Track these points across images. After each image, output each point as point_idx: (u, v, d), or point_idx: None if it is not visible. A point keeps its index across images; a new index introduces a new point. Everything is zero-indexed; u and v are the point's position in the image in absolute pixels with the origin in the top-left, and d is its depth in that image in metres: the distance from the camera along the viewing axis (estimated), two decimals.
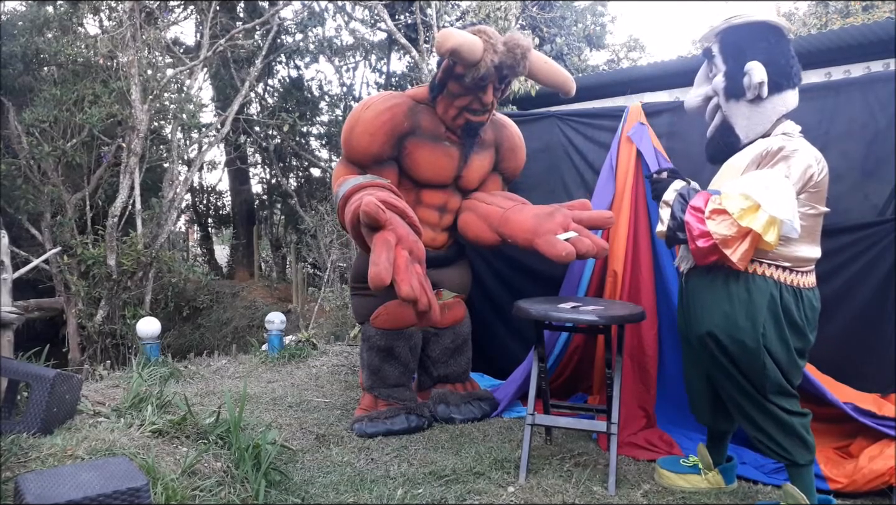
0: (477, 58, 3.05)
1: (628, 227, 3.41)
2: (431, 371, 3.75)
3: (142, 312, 7.13)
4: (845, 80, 3.45)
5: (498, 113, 3.75)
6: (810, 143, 2.37)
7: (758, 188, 2.16)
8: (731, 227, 2.18)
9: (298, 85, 10.32)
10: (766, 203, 2.12)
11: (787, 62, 2.38)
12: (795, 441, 2.29)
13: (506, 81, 3.33)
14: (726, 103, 2.43)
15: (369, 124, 3.33)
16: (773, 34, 2.39)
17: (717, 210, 2.22)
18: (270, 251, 12.91)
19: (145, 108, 7.15)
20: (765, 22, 2.39)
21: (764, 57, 2.34)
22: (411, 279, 2.67)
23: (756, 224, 2.13)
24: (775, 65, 2.34)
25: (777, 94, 2.36)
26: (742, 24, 2.40)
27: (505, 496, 2.59)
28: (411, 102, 3.44)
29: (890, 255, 2.90)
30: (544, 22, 9.58)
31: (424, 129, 3.40)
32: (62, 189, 7.48)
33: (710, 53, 2.52)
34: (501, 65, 3.13)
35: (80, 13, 7.82)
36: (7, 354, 2.80)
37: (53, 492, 1.68)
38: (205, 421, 2.74)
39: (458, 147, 3.47)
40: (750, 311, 2.26)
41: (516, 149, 3.74)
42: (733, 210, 2.17)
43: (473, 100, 3.27)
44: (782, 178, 2.19)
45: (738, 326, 2.26)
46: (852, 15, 10.94)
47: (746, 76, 2.33)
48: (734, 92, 2.39)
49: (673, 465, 2.76)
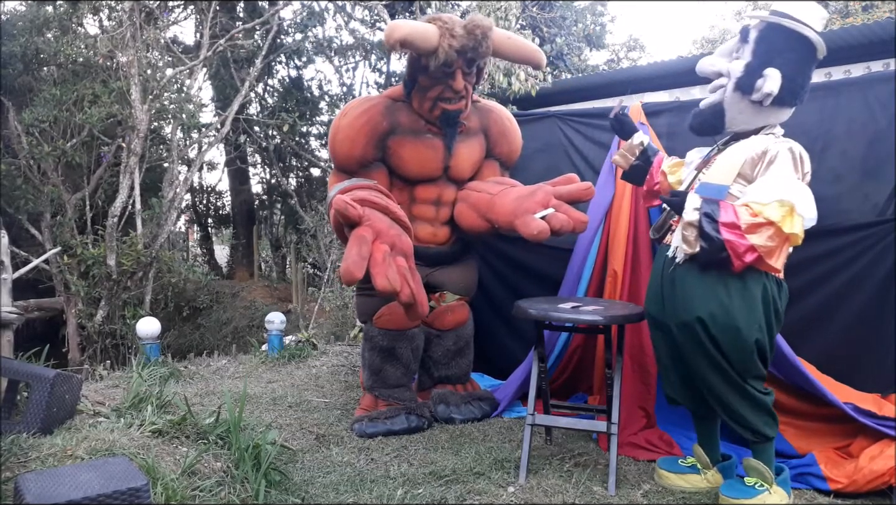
0: (433, 44, 3.03)
1: (628, 227, 3.40)
2: (432, 372, 3.75)
3: (142, 312, 7.12)
4: (845, 80, 3.45)
5: (484, 100, 3.75)
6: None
7: (788, 191, 2.23)
8: (775, 237, 2.23)
9: (298, 85, 10.30)
10: (799, 205, 2.22)
11: (803, 82, 2.41)
12: (767, 418, 2.45)
13: (475, 66, 3.30)
14: (732, 92, 2.44)
15: (348, 130, 3.36)
16: (807, 50, 2.40)
17: (756, 224, 2.23)
18: (270, 251, 12.90)
19: (145, 108, 7.14)
20: (810, 39, 2.37)
21: (788, 69, 2.35)
22: (387, 271, 2.68)
23: (797, 227, 2.23)
24: (792, 81, 2.37)
25: (777, 107, 2.43)
26: (789, 28, 2.36)
27: (505, 496, 2.59)
28: (388, 101, 3.45)
29: (890, 255, 2.90)
30: (544, 22, 9.57)
31: (404, 125, 3.40)
32: (62, 189, 7.47)
33: (746, 36, 2.48)
34: (464, 48, 3.09)
35: (79, 13, 7.81)
36: (7, 354, 2.80)
37: (53, 492, 1.68)
38: (205, 421, 2.73)
39: (440, 139, 3.43)
40: (747, 300, 2.33)
41: (507, 132, 3.67)
42: (777, 218, 2.21)
43: (444, 88, 3.25)
44: (798, 180, 2.29)
45: (734, 314, 2.32)
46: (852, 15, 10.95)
47: (762, 79, 2.35)
48: (743, 86, 2.40)
49: (672, 465, 2.77)
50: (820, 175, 3.11)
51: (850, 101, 3.03)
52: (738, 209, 2.28)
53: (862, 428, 2.74)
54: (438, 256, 3.58)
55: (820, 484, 2.66)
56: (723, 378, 2.41)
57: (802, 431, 2.90)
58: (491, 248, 4.12)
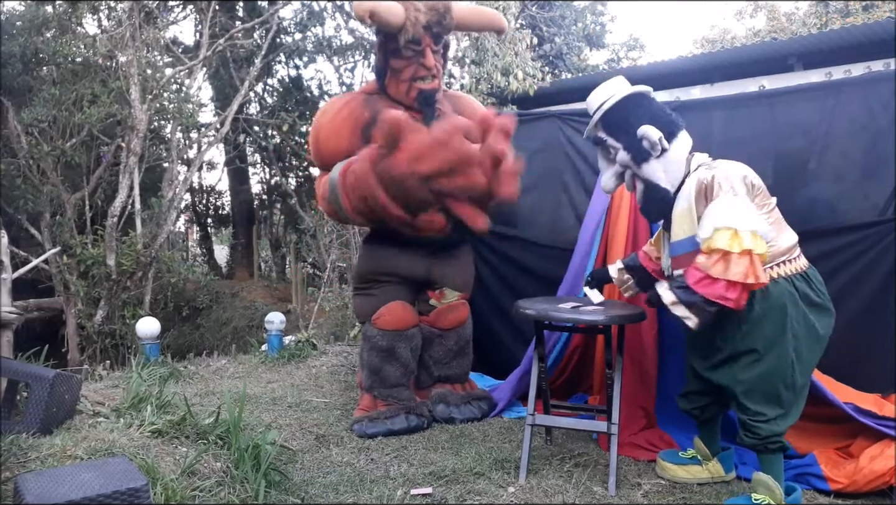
0: (400, 18, 3.22)
1: (628, 227, 3.40)
2: (432, 371, 3.74)
3: (141, 312, 7.11)
4: (845, 80, 3.45)
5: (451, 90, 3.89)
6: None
7: (722, 217, 2.29)
8: (738, 260, 2.23)
9: (298, 84, 10.29)
10: (739, 223, 2.25)
11: (666, 114, 2.59)
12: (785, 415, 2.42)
13: (442, 42, 3.46)
14: (640, 169, 2.55)
15: (331, 125, 3.44)
16: (642, 98, 2.61)
17: (714, 261, 2.27)
18: (270, 251, 12.88)
19: (144, 108, 7.14)
20: (631, 94, 2.60)
21: (648, 118, 2.53)
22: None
23: (746, 243, 2.24)
24: (660, 120, 2.53)
25: (675, 140, 2.53)
26: (614, 104, 2.59)
27: (505, 496, 2.59)
28: (364, 96, 3.56)
29: (890, 255, 2.90)
30: (544, 21, 9.57)
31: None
32: (61, 189, 7.46)
33: (600, 140, 2.67)
34: (429, 24, 3.29)
35: (78, 13, 7.79)
36: (7, 354, 2.80)
37: (53, 492, 1.68)
38: (204, 421, 2.73)
39: (420, 122, 3.41)
40: (773, 317, 2.36)
41: (478, 114, 3.67)
42: (725, 246, 2.25)
43: (417, 67, 3.39)
44: (733, 198, 2.32)
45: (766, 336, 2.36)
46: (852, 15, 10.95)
47: (644, 140, 2.49)
48: (642, 157, 2.53)
49: (673, 457, 2.83)
50: (820, 175, 3.12)
51: (850, 101, 3.02)
52: (696, 262, 2.34)
53: (862, 428, 2.74)
54: (436, 243, 3.57)
55: (820, 484, 2.66)
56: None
57: (803, 431, 2.88)
58: (491, 248, 4.12)
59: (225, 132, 8.63)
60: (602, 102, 2.62)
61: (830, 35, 7.08)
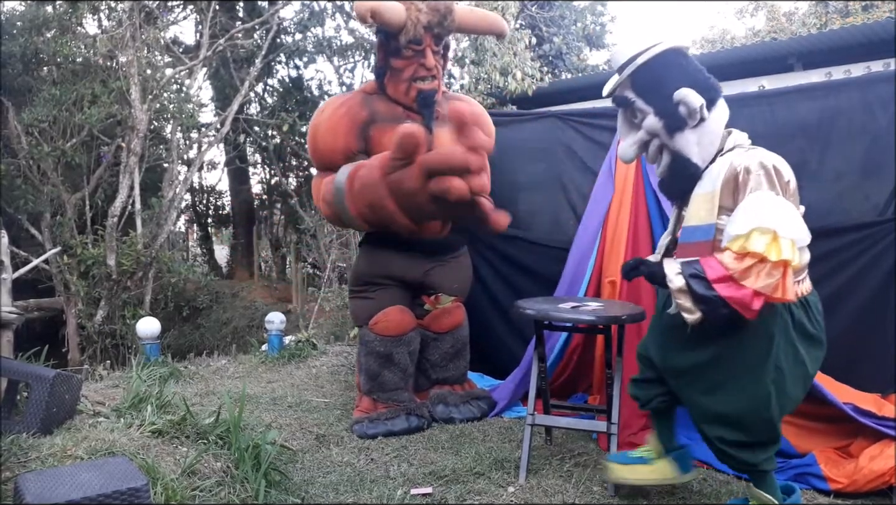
0: (401, 18, 3.23)
1: (628, 227, 3.40)
2: (430, 374, 3.74)
3: (141, 312, 7.11)
4: (845, 80, 3.46)
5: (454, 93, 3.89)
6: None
7: (762, 216, 1.99)
8: (773, 271, 1.96)
9: (298, 85, 10.28)
10: (780, 228, 1.97)
11: (705, 77, 2.29)
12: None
13: (442, 43, 3.46)
14: (672, 139, 2.24)
15: (328, 123, 3.44)
16: (680, 56, 2.29)
17: (747, 268, 1.98)
18: (270, 251, 12.88)
19: (145, 108, 7.14)
20: (668, 49, 2.27)
21: (686, 80, 2.22)
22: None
23: (785, 253, 1.95)
24: (699, 83, 2.23)
25: (714, 108, 2.24)
26: (649, 59, 2.26)
27: (505, 496, 2.59)
28: (363, 95, 3.56)
29: (890, 255, 2.90)
30: (543, 21, 9.57)
31: (383, 113, 3.46)
32: (62, 189, 7.46)
33: (627, 102, 2.34)
34: (430, 24, 3.29)
35: (79, 13, 7.79)
36: (7, 354, 2.80)
37: (53, 492, 1.68)
38: (204, 421, 2.73)
39: (420, 123, 3.39)
40: (757, 346, 2.14)
41: (479, 119, 3.61)
42: (762, 250, 1.95)
43: (417, 67, 3.39)
44: (775, 197, 2.04)
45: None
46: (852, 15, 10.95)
47: (682, 105, 2.18)
48: (676, 125, 2.22)
49: (621, 457, 2.62)
50: (820, 175, 3.12)
51: (850, 101, 3.02)
52: (721, 258, 2.05)
53: (862, 428, 2.74)
54: (434, 246, 3.57)
55: (820, 484, 2.65)
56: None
57: (802, 431, 2.89)
58: (491, 248, 4.12)
59: (225, 132, 8.63)
60: (635, 56, 2.26)
61: (830, 35, 7.08)
